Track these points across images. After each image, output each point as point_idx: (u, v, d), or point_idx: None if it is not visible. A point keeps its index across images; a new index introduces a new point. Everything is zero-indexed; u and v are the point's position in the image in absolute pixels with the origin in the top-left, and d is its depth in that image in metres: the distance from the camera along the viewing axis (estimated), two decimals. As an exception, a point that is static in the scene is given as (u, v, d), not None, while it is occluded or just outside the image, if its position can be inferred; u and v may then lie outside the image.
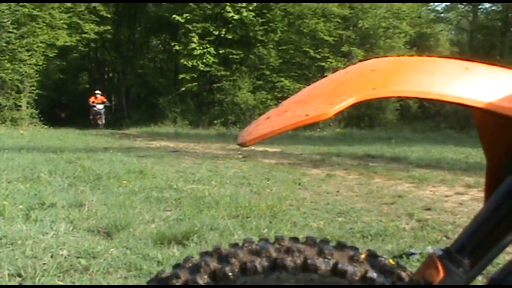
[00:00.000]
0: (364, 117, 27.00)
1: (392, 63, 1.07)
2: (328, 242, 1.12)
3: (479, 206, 6.12)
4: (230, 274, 1.05)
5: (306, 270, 1.05)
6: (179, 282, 1.08)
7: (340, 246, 1.10)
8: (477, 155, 12.11)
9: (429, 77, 1.02)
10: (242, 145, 1.01)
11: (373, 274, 1.06)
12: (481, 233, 1.12)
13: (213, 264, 1.08)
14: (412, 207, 5.99)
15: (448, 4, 34.36)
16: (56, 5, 28.78)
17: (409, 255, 3.95)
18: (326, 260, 1.06)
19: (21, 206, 5.41)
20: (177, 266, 1.13)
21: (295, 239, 1.12)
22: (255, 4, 29.15)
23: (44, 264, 3.67)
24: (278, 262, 1.05)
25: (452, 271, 1.10)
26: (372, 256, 1.11)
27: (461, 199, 6.74)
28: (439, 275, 1.10)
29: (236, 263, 1.06)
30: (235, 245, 1.12)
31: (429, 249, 4.06)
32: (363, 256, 1.09)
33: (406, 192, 7.22)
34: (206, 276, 1.07)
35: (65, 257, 3.83)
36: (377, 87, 1.00)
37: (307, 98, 1.03)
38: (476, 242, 1.12)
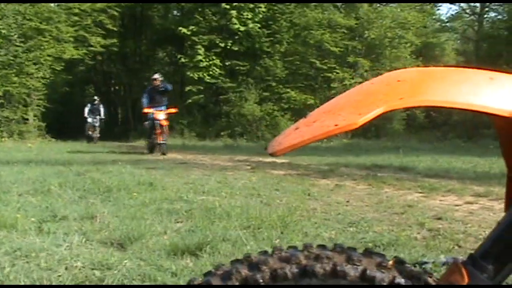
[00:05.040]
0: (370, 127, 26.94)
1: (418, 73, 1.10)
2: (355, 249, 1.14)
3: (489, 215, 6.14)
4: (261, 281, 1.07)
5: (335, 277, 1.07)
6: (212, 290, 1.10)
7: (368, 253, 1.13)
8: (485, 164, 12.10)
9: (455, 86, 1.04)
10: (273, 154, 1.04)
11: (401, 280, 1.08)
12: (504, 240, 1.14)
13: (244, 271, 1.10)
14: (422, 217, 5.98)
15: (453, 13, 34.45)
16: (62, 18, 29.05)
17: (422, 264, 3.94)
18: (354, 266, 1.08)
19: (33, 219, 5.43)
20: (208, 273, 1.15)
21: (323, 247, 1.15)
22: (260, 16, 29.32)
23: (59, 276, 3.68)
24: (308, 269, 1.07)
25: (477, 277, 1.12)
26: (399, 263, 1.13)
27: (471, 208, 6.73)
28: (464, 281, 1.12)
29: (267, 270, 1.08)
30: (265, 252, 1.15)
31: (442, 258, 4.05)
32: (390, 262, 1.11)
33: (415, 201, 7.21)
34: (237, 283, 1.09)
35: (79, 269, 3.84)
36: (404, 97, 1.02)
37: (335, 109, 1.06)
38: (500, 248, 1.13)
